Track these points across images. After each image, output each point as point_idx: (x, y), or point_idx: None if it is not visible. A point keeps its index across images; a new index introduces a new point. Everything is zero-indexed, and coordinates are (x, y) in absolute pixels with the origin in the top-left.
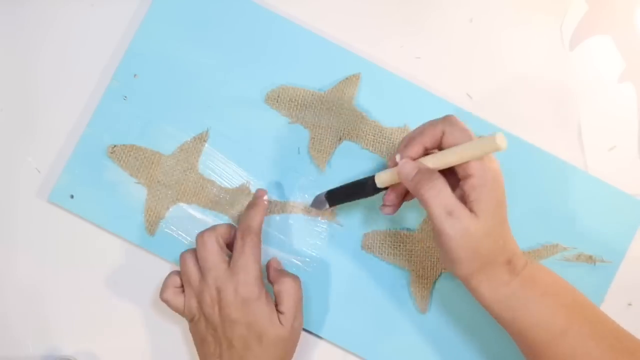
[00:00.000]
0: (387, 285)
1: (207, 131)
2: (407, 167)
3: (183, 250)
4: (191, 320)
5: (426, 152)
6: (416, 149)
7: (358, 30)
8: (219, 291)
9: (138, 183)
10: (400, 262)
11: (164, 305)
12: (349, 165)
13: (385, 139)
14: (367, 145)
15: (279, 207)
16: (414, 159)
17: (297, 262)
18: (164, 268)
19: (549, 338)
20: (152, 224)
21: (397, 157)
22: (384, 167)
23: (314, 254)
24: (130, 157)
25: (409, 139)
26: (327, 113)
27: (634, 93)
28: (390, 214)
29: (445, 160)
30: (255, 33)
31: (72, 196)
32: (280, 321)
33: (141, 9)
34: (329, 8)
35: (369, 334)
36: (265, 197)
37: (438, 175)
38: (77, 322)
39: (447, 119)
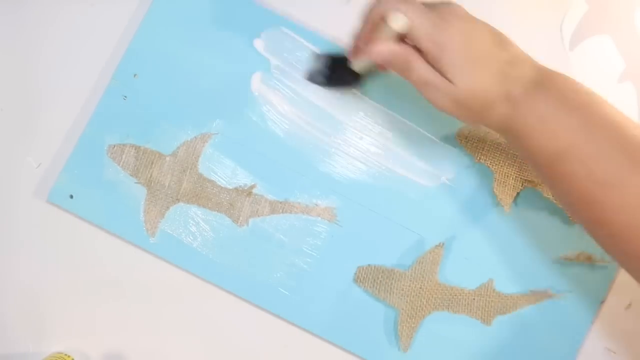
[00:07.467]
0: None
1: (210, 132)
2: (382, 52)
3: (183, 250)
4: None
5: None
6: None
7: None
8: None
9: (138, 183)
10: (391, 299)
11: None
12: None
13: None
14: None
15: (279, 207)
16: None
17: (297, 262)
18: (163, 268)
19: (548, 162)
20: (151, 224)
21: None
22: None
23: (314, 254)
24: (130, 157)
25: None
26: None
27: (634, 93)
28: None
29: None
30: (255, 33)
31: (71, 196)
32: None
33: (141, 9)
34: (329, 8)
35: (369, 334)
36: None
37: (410, 51)
38: (77, 322)
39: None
